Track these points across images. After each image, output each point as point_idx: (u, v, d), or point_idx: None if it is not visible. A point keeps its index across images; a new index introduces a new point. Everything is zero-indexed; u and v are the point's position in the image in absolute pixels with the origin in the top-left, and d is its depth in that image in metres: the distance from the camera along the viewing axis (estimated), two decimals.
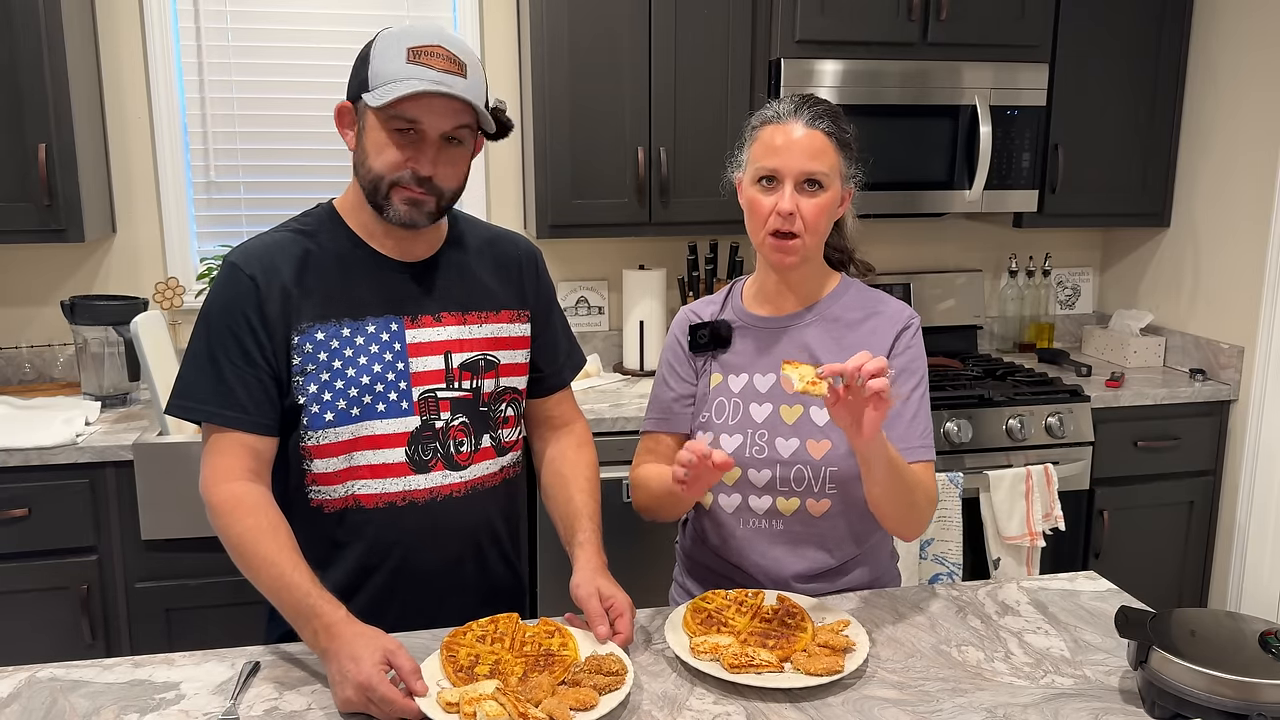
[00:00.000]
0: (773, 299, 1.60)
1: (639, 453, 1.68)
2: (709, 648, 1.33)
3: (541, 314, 1.63)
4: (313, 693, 1.28)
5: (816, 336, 1.57)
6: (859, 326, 1.57)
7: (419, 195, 1.40)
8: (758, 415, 1.55)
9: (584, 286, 3.20)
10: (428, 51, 1.36)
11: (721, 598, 1.46)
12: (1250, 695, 1.15)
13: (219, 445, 1.40)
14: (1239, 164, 2.95)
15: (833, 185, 1.48)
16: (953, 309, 3.35)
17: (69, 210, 2.55)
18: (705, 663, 1.31)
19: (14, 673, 1.33)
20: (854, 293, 1.61)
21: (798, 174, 1.46)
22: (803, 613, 1.42)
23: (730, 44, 2.79)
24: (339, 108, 1.44)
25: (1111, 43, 3.02)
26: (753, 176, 1.50)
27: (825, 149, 1.47)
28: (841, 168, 1.50)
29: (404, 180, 1.39)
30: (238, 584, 1.38)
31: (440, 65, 1.36)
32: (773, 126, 1.49)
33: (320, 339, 1.42)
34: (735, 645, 1.33)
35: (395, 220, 1.42)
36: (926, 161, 2.90)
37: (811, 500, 1.54)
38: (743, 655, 1.30)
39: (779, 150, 1.46)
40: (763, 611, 1.43)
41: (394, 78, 1.34)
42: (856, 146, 1.53)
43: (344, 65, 1.46)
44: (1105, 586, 1.62)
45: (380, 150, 1.38)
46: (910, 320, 1.57)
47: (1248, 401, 2.93)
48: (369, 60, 1.39)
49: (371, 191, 1.41)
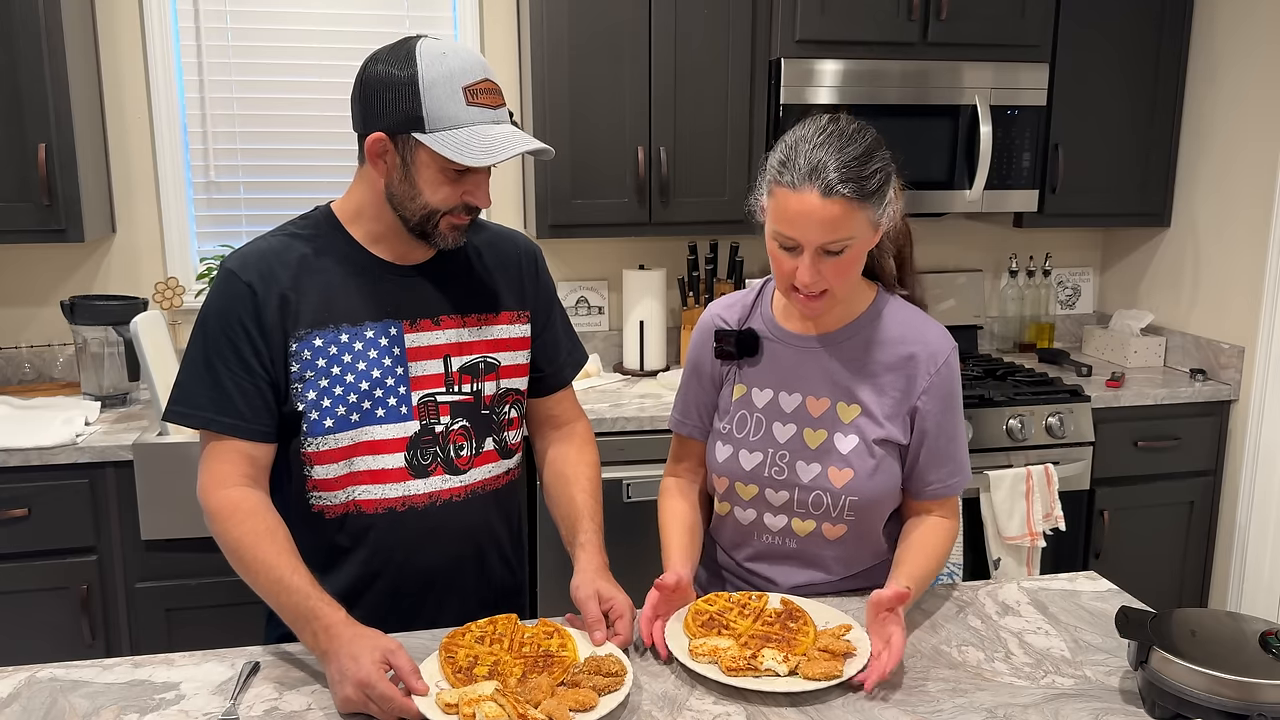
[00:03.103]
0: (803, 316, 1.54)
1: (671, 456, 1.69)
2: (708, 650, 1.32)
3: (542, 313, 1.62)
4: (313, 693, 1.28)
5: (848, 361, 1.50)
6: (894, 351, 1.49)
7: (466, 221, 1.43)
8: (780, 436, 1.53)
9: (584, 286, 3.20)
10: (481, 89, 1.36)
11: (725, 600, 1.46)
12: (1250, 695, 1.15)
13: (216, 452, 1.40)
14: (1239, 164, 2.95)
15: (860, 239, 1.38)
16: (953, 309, 3.35)
17: (69, 210, 2.55)
18: (704, 665, 1.31)
19: (14, 673, 1.33)
20: (892, 311, 1.52)
21: (816, 246, 1.36)
22: (805, 616, 1.41)
23: (730, 44, 2.79)
24: (376, 139, 1.36)
25: (1111, 43, 3.02)
26: (771, 234, 1.41)
27: (845, 216, 1.34)
28: (870, 218, 1.37)
29: (456, 210, 1.41)
30: (238, 584, 1.38)
31: (495, 102, 1.38)
32: (786, 191, 1.35)
33: (318, 345, 1.41)
34: (735, 648, 1.33)
35: (440, 245, 1.45)
36: (927, 161, 2.90)
37: (828, 525, 1.53)
38: (741, 658, 1.30)
39: (795, 221, 1.35)
40: (765, 615, 1.43)
41: (461, 122, 1.34)
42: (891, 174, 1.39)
43: (344, 65, 1.45)
44: (1105, 586, 1.62)
45: (436, 187, 1.38)
46: (949, 356, 1.50)
47: (1248, 401, 2.93)
48: (419, 96, 1.33)
49: (421, 222, 1.41)
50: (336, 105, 2.87)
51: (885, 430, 1.49)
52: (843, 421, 1.50)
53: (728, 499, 1.59)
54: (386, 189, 1.41)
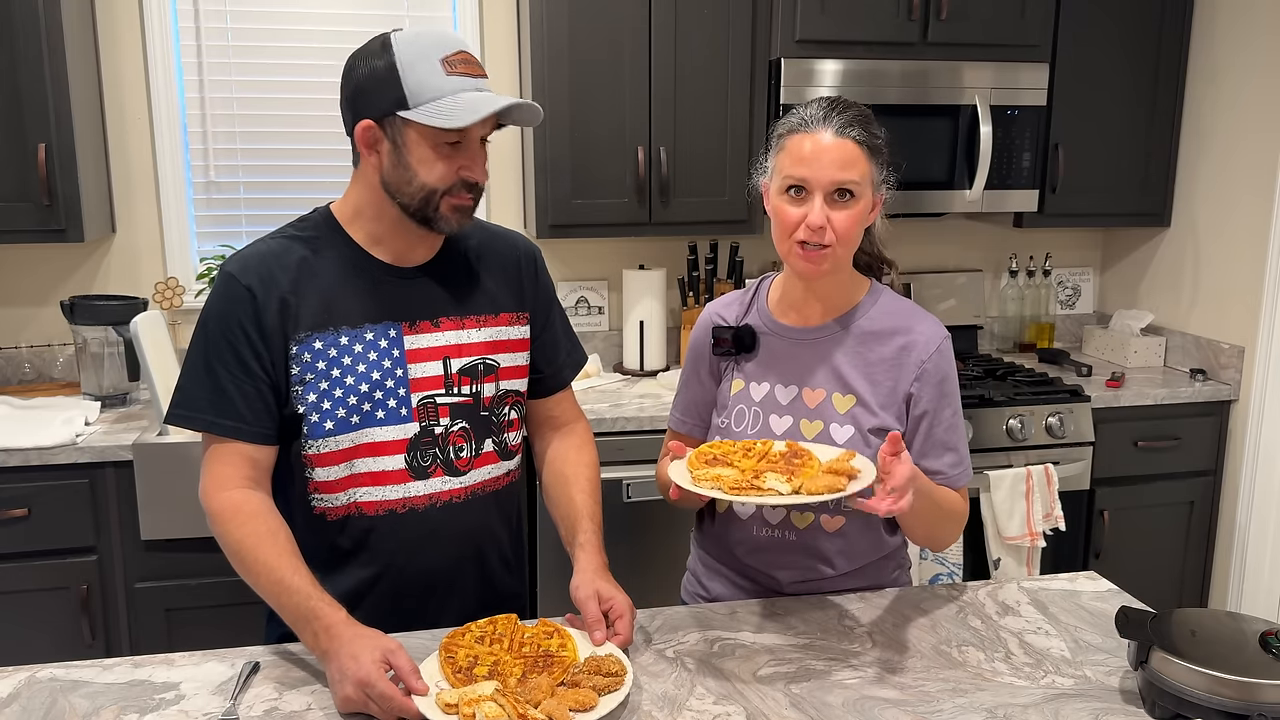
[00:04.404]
0: (799, 308, 1.56)
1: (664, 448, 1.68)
2: (710, 478, 1.34)
3: (541, 314, 1.62)
4: (313, 693, 1.28)
5: (843, 352, 1.53)
6: (887, 342, 1.52)
7: (468, 201, 1.42)
8: (777, 427, 1.54)
9: (584, 286, 3.20)
10: (458, 60, 1.36)
11: (728, 445, 1.46)
12: (1250, 695, 1.15)
13: (218, 454, 1.40)
14: (1239, 164, 2.95)
15: (864, 194, 1.43)
16: (953, 309, 3.35)
17: (69, 210, 2.55)
18: (707, 488, 1.33)
19: (14, 673, 1.33)
20: (884, 303, 1.56)
21: (828, 184, 1.41)
22: (810, 453, 1.41)
23: (730, 44, 2.79)
24: (365, 127, 1.38)
25: (1111, 43, 3.02)
26: (780, 186, 1.45)
27: (857, 158, 1.41)
28: (873, 175, 1.45)
29: (455, 189, 1.40)
30: (238, 584, 1.38)
31: (474, 70, 1.38)
32: (801, 135, 1.43)
33: (318, 348, 1.41)
34: (737, 475, 1.35)
35: (445, 230, 1.43)
36: (927, 161, 2.90)
37: (826, 516, 1.53)
38: (744, 480, 1.32)
39: (808, 160, 1.41)
40: (770, 456, 1.42)
41: (442, 91, 1.34)
42: (889, 151, 1.48)
43: (344, 65, 1.45)
44: (1105, 586, 1.62)
45: (430, 164, 1.37)
46: (940, 344, 1.52)
47: (1248, 401, 2.93)
48: (398, 77, 1.35)
49: (421, 205, 1.40)
50: (336, 105, 2.87)
51: (880, 419, 1.50)
52: (838, 412, 1.51)
53: None
54: (382, 179, 1.41)
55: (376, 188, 1.42)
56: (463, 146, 1.38)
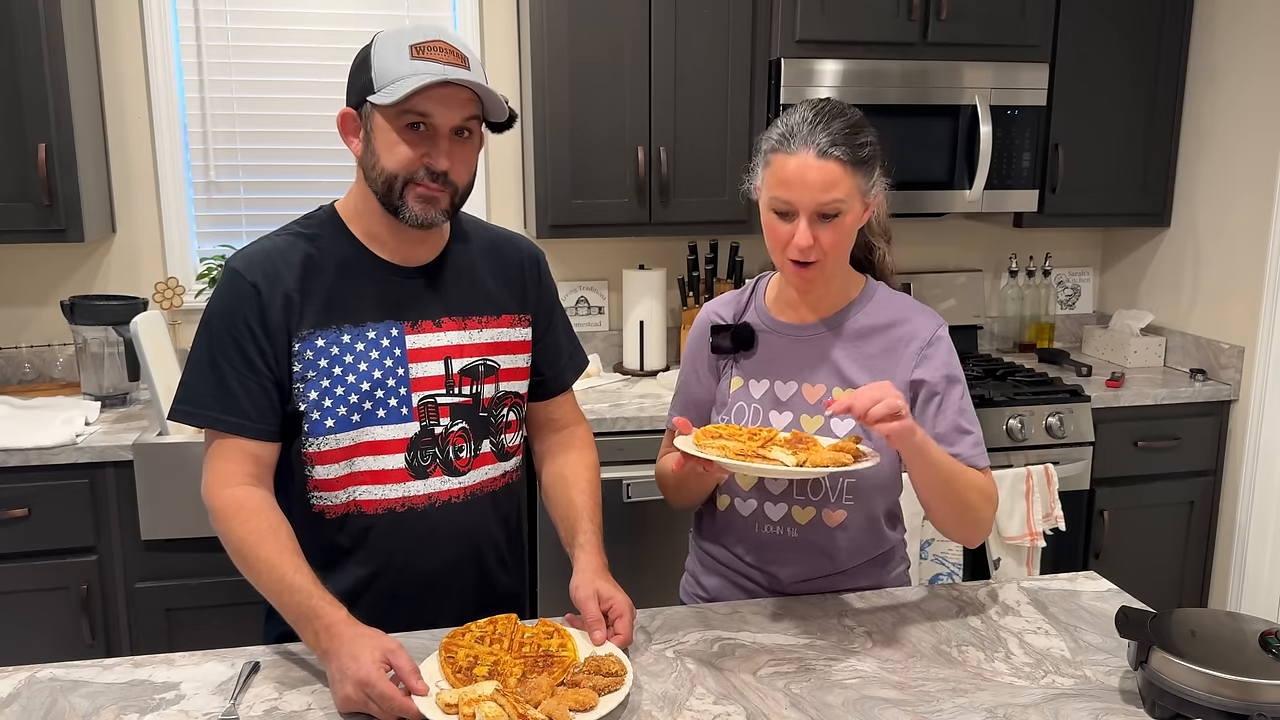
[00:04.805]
0: (796, 306, 1.58)
1: (663, 445, 1.69)
2: (715, 448, 1.36)
3: (543, 317, 1.62)
4: (313, 693, 1.28)
5: (842, 347, 1.54)
6: (885, 334, 1.53)
7: (434, 191, 1.38)
8: (778, 424, 1.54)
9: (584, 286, 3.20)
10: (430, 47, 1.35)
11: (733, 428, 1.47)
12: (1250, 695, 1.15)
13: (221, 451, 1.40)
14: (1239, 164, 2.95)
15: (852, 208, 1.43)
16: (953, 309, 3.35)
17: (69, 210, 2.55)
18: (712, 453, 1.34)
19: (14, 673, 1.33)
20: (879, 299, 1.57)
21: (812, 207, 1.41)
22: (815, 441, 1.42)
23: (730, 44, 2.79)
24: (342, 115, 1.42)
25: (1111, 43, 3.02)
26: (767, 203, 1.46)
27: (839, 178, 1.40)
28: (861, 187, 1.44)
29: (419, 177, 1.37)
30: (238, 584, 1.38)
31: (444, 59, 1.35)
32: (784, 155, 1.42)
33: (321, 345, 1.41)
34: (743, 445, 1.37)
35: (411, 221, 1.40)
36: (927, 161, 2.90)
37: (828, 510, 1.53)
38: (749, 450, 1.34)
39: (791, 183, 1.41)
40: (776, 439, 1.43)
41: (400, 75, 1.33)
42: (879, 154, 1.47)
43: (344, 65, 1.45)
44: (1105, 586, 1.62)
45: (392, 149, 1.37)
46: (938, 329, 1.53)
47: (1248, 401, 2.93)
48: (369, 64, 1.37)
49: (385, 193, 1.39)
50: (336, 106, 2.85)
51: None
52: None
53: (728, 491, 1.59)
54: (360, 168, 1.42)
55: (363, 180, 1.43)
56: (426, 134, 1.37)
